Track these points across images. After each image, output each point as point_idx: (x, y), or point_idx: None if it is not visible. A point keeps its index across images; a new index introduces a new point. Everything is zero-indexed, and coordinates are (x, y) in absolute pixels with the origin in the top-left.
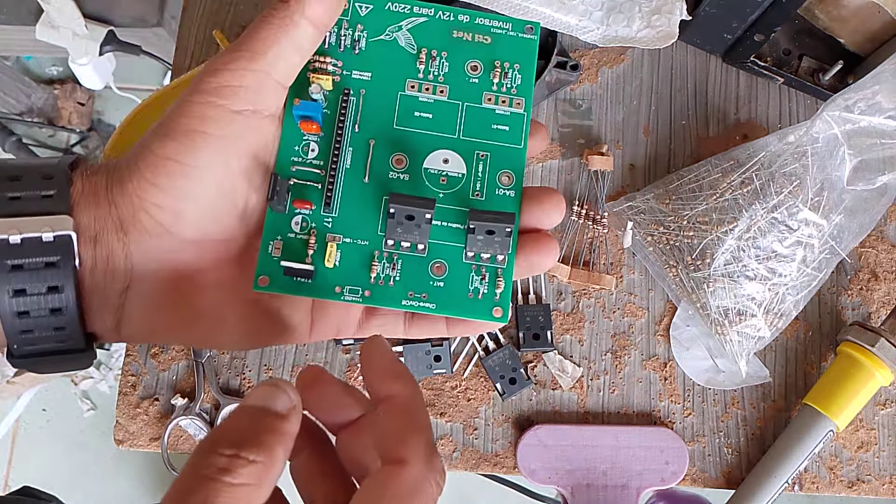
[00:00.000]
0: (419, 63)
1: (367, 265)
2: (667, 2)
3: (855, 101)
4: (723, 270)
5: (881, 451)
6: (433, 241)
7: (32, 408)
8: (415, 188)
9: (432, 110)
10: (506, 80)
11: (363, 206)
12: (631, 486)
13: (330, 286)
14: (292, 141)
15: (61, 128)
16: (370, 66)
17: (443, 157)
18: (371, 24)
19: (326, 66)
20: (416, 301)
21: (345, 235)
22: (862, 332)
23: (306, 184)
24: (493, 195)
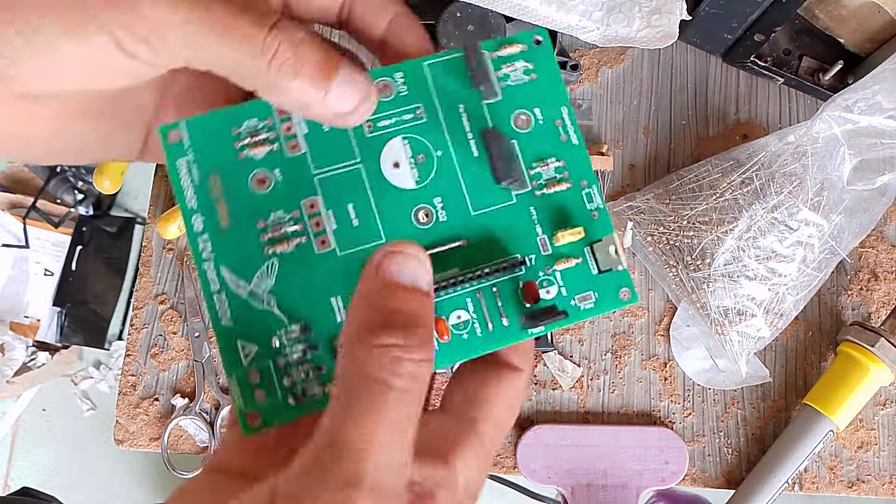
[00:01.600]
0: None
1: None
2: (667, 2)
3: (855, 101)
4: (723, 270)
5: (881, 451)
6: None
7: (32, 408)
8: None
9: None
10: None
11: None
12: (631, 485)
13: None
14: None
15: None
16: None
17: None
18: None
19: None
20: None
21: None
22: (862, 332)
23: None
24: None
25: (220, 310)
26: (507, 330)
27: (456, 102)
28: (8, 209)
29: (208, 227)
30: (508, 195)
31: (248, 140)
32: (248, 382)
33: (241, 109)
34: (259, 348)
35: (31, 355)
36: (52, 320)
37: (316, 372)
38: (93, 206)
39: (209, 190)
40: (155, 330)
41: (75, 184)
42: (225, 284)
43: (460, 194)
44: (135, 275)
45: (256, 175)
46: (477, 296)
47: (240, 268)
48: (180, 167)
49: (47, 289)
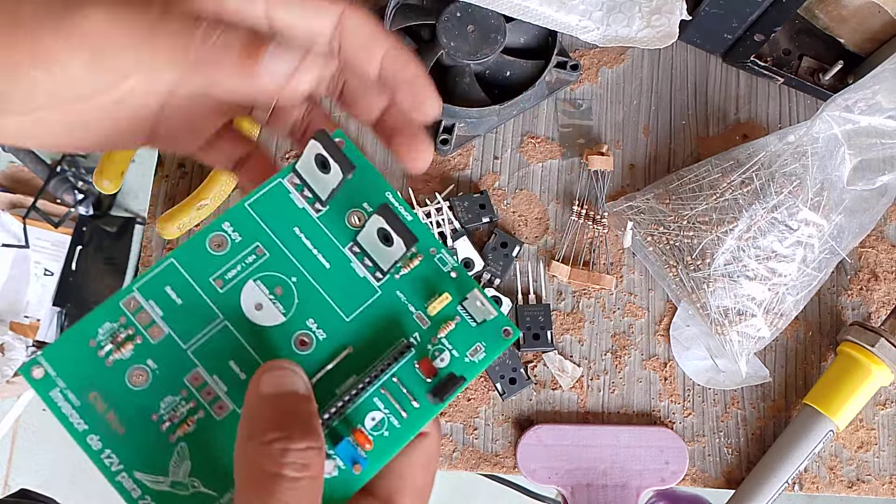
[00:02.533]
0: None
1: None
2: (667, 2)
3: (855, 101)
4: (723, 270)
5: (881, 451)
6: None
7: (32, 408)
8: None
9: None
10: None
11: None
12: (631, 485)
13: None
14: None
15: None
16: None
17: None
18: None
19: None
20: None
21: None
22: (862, 332)
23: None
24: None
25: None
26: (420, 411)
27: (289, 227)
28: (8, 209)
29: (106, 441)
30: (372, 290)
31: (110, 345)
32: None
33: (90, 319)
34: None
35: (31, 355)
36: (52, 320)
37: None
38: (93, 206)
39: (93, 407)
40: None
41: (75, 184)
42: (145, 487)
43: (329, 307)
44: (135, 275)
45: (132, 373)
46: (382, 392)
47: (152, 465)
48: (56, 398)
49: (47, 289)
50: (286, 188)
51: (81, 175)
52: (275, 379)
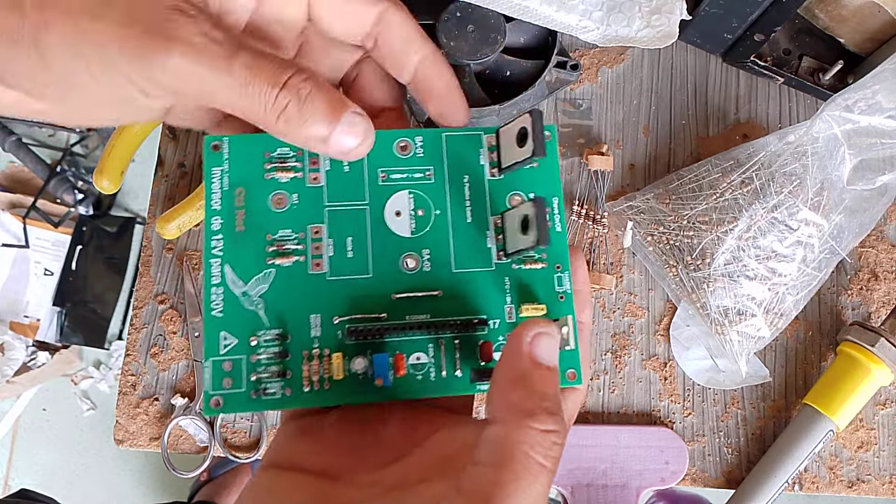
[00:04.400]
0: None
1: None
2: (667, 1)
3: (855, 101)
4: (723, 270)
5: (881, 450)
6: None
7: (32, 408)
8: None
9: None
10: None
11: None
12: (631, 485)
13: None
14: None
15: (61, 127)
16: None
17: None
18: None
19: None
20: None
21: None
22: (862, 331)
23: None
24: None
25: (214, 301)
26: (458, 381)
27: (462, 173)
28: (8, 209)
29: (224, 229)
30: (489, 262)
31: (278, 164)
32: (220, 369)
33: (276, 140)
34: (238, 342)
35: (31, 355)
36: (52, 320)
37: (280, 376)
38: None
39: (233, 198)
40: (155, 330)
41: (75, 183)
42: (224, 280)
43: (447, 251)
44: (135, 275)
45: (276, 195)
46: (439, 343)
47: (241, 269)
48: (214, 174)
49: (47, 289)
50: (482, 142)
51: (81, 175)
52: (549, 346)
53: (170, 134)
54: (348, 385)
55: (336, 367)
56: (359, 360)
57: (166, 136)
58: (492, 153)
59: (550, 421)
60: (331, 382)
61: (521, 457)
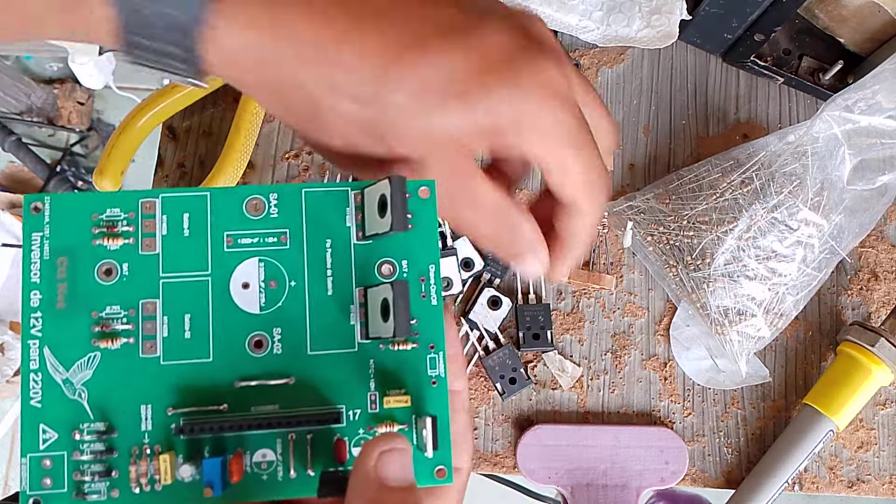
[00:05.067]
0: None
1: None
2: (667, 2)
3: (855, 101)
4: (723, 270)
5: (881, 450)
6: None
7: None
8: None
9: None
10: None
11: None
12: (631, 485)
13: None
14: None
15: (61, 127)
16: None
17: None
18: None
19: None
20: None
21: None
22: (862, 332)
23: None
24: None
25: (32, 389)
26: (309, 481)
27: (325, 236)
28: (8, 209)
29: (44, 305)
30: (352, 342)
31: (105, 230)
32: (39, 466)
33: (107, 196)
34: (59, 436)
35: None
36: None
37: (105, 475)
38: None
39: (55, 269)
40: None
41: (75, 183)
42: (44, 366)
43: (302, 330)
44: None
45: (104, 265)
46: (288, 439)
47: (62, 353)
48: (34, 240)
49: None
50: (348, 200)
51: (81, 175)
52: (403, 465)
53: (170, 134)
54: (178, 491)
55: (163, 470)
56: (185, 466)
57: (166, 136)
58: (359, 212)
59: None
60: (161, 485)
61: None
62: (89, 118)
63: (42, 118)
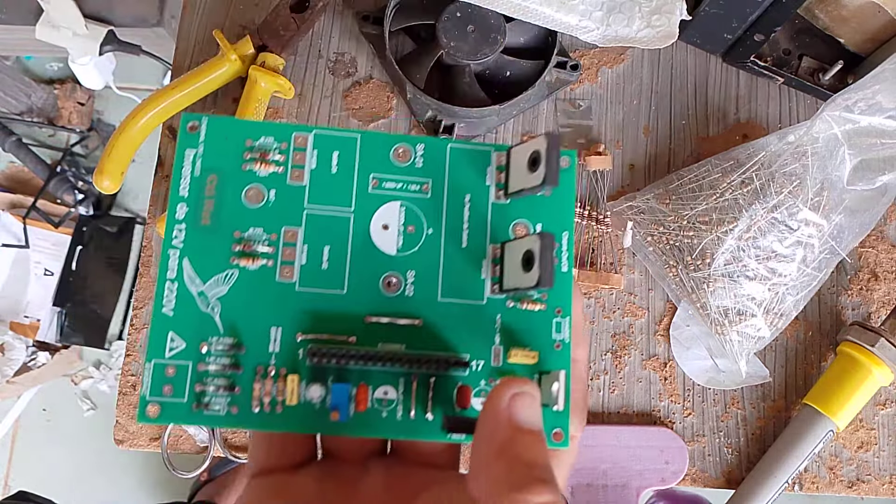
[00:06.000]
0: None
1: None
2: (667, 2)
3: (855, 101)
4: (723, 270)
5: (881, 451)
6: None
7: (32, 408)
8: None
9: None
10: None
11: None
12: (631, 485)
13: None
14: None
15: (61, 127)
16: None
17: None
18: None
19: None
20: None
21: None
22: (862, 332)
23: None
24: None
25: (166, 297)
26: (427, 425)
27: (464, 192)
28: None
29: (189, 218)
30: (481, 295)
31: (258, 155)
32: (162, 373)
33: (262, 126)
34: (186, 346)
35: (31, 355)
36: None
37: (228, 390)
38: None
39: (204, 186)
40: None
41: (75, 184)
42: (181, 276)
43: (434, 276)
44: (135, 275)
45: (252, 189)
46: (411, 380)
47: (201, 266)
48: (186, 157)
49: (47, 289)
50: (490, 160)
51: (81, 175)
52: (535, 410)
53: (170, 134)
54: (301, 413)
55: (290, 390)
56: (315, 387)
57: (166, 136)
58: (500, 173)
59: (545, 491)
60: (283, 407)
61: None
62: (89, 118)
63: (42, 118)
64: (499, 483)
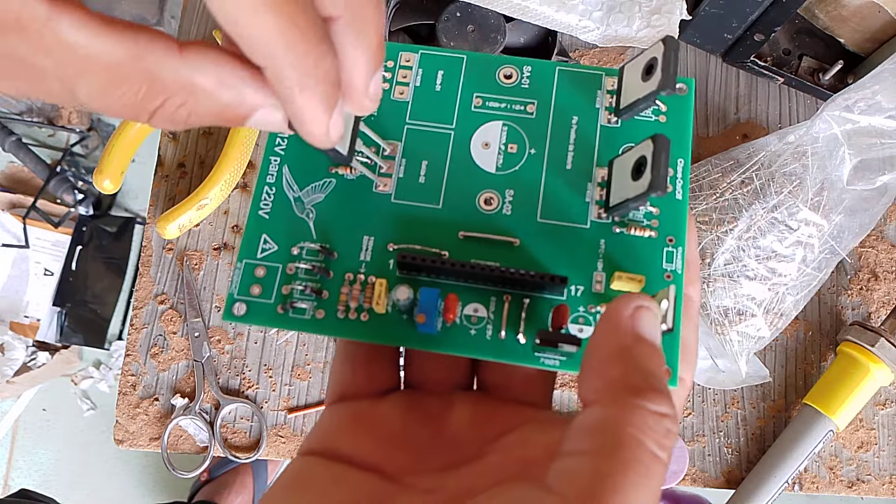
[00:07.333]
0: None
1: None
2: (667, 1)
3: (855, 101)
4: (723, 270)
5: (881, 450)
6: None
7: (32, 408)
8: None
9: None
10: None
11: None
12: None
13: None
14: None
15: (61, 127)
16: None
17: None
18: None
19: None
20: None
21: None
22: (862, 331)
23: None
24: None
25: (263, 200)
26: (518, 347)
27: (571, 113)
28: (8, 209)
29: (287, 157)
30: (584, 218)
31: None
32: (252, 273)
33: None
34: (278, 249)
35: (31, 355)
36: (52, 320)
37: (316, 294)
38: (93, 206)
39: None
40: (155, 330)
41: (75, 184)
42: (280, 181)
43: (535, 196)
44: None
45: None
46: (503, 299)
47: (300, 173)
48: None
49: (47, 289)
50: (600, 83)
51: (81, 175)
52: (655, 325)
53: (170, 134)
54: (388, 323)
55: (377, 294)
56: (402, 288)
57: (166, 136)
58: (611, 97)
59: (663, 402)
60: (369, 315)
61: (630, 442)
62: (89, 118)
63: (42, 118)
64: (615, 385)
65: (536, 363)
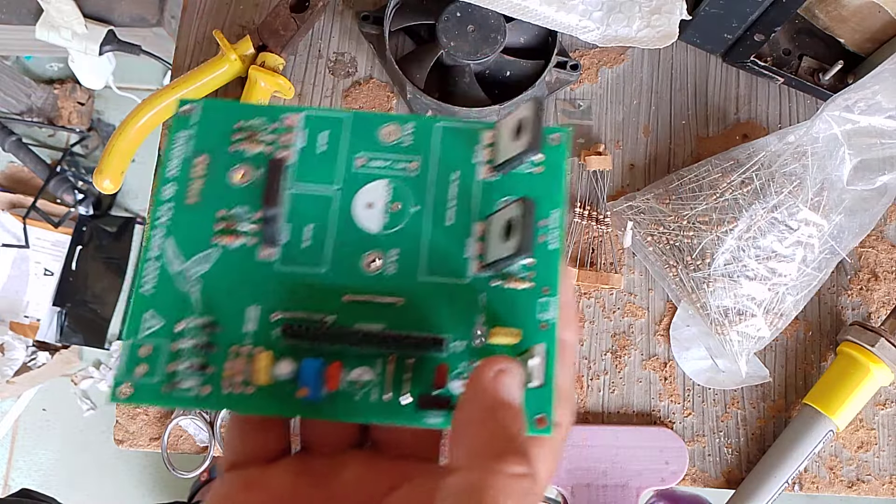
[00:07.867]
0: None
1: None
2: (667, 2)
3: (855, 101)
4: (723, 270)
5: (881, 450)
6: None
7: (32, 408)
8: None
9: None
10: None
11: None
12: (631, 485)
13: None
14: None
15: (61, 127)
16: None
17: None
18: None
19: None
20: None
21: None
22: (862, 332)
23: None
24: None
25: (146, 277)
26: (401, 409)
27: (452, 168)
28: (8, 209)
29: (176, 198)
30: (464, 273)
31: (246, 136)
32: (136, 354)
33: (253, 108)
34: (163, 325)
35: (31, 355)
36: (52, 320)
37: (201, 369)
38: (93, 206)
39: (192, 167)
40: None
41: (75, 184)
42: (164, 255)
43: (416, 255)
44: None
45: (239, 169)
46: (389, 361)
47: (184, 245)
48: (178, 138)
49: (47, 289)
50: (479, 138)
51: (81, 175)
52: (518, 387)
53: None
54: (272, 394)
55: (259, 368)
56: (285, 362)
57: (166, 136)
58: (489, 150)
59: (521, 463)
60: (253, 387)
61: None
62: (89, 118)
63: (42, 118)
64: (478, 451)
65: (420, 423)
